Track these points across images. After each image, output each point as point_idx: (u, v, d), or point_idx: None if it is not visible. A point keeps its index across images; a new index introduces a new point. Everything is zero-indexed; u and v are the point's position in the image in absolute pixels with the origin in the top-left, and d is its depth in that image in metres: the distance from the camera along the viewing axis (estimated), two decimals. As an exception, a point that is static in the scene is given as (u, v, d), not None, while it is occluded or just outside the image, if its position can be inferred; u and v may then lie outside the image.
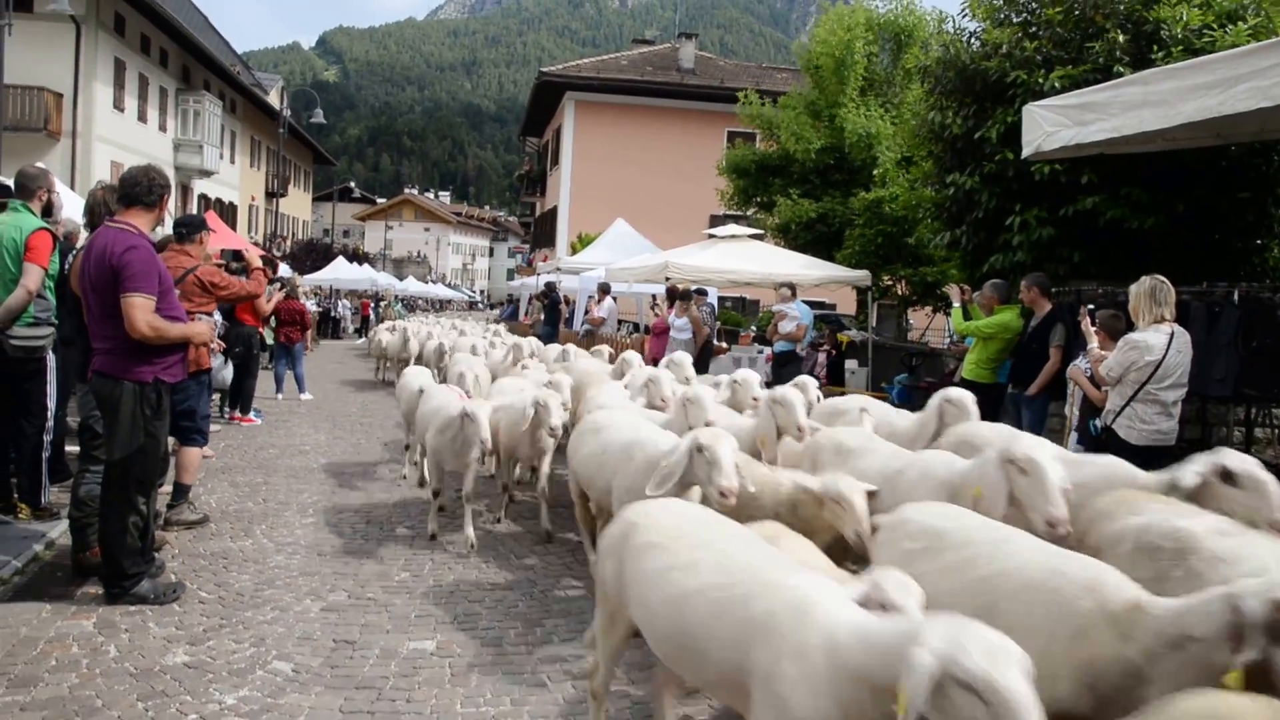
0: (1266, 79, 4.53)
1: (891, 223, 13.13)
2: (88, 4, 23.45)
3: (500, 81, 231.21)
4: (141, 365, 4.28)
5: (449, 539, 5.76)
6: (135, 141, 26.83)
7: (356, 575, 4.96)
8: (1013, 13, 8.63)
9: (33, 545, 5.01)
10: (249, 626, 4.15)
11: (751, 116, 17.54)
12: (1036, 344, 6.91)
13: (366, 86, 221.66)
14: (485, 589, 4.81)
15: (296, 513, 6.31)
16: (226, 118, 34.36)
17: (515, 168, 71.29)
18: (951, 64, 8.65)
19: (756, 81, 26.92)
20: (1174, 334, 4.79)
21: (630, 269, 13.26)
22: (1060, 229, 7.86)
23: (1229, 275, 7.18)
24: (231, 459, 8.16)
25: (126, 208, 4.43)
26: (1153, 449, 4.72)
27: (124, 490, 4.30)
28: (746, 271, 11.48)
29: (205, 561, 5.10)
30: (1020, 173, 7.73)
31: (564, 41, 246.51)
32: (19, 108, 22.26)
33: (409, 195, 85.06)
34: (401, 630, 4.19)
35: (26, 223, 5.33)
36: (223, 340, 9.47)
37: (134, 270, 4.14)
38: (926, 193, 10.15)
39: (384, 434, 10.05)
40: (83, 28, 23.45)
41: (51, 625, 4.05)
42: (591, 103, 29.99)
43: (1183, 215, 7.47)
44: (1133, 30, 7.56)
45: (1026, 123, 6.39)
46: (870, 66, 16.76)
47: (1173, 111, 5.16)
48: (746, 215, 18.34)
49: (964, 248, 9.04)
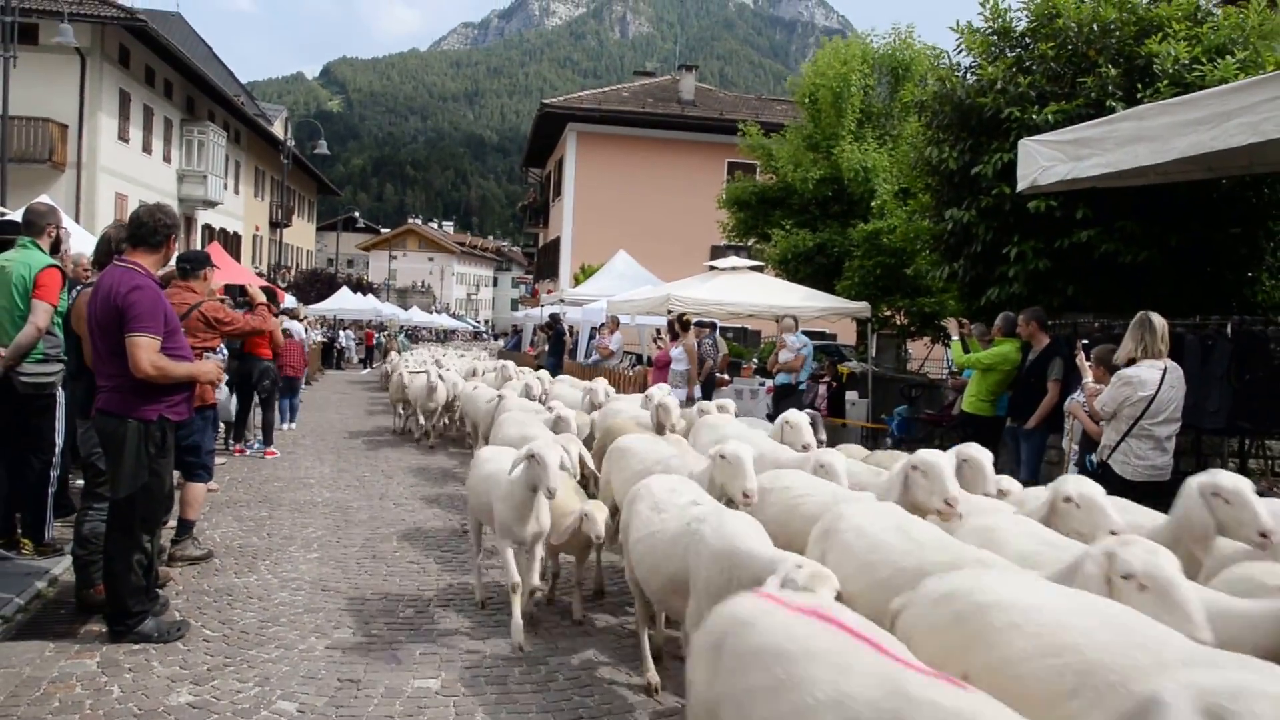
0: (1257, 114, 4.63)
1: (890, 254, 13.23)
2: (93, 36, 23.78)
3: (503, 112, 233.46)
4: (146, 404, 4.32)
5: (447, 578, 5.78)
6: (139, 172, 27.09)
7: (361, 612, 4.98)
8: (1006, 48, 8.75)
9: (35, 582, 5.02)
10: (253, 665, 4.16)
11: (752, 148, 17.73)
12: (1035, 377, 6.97)
13: (370, 116, 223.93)
14: (489, 627, 4.82)
15: (301, 548, 6.33)
16: (231, 148, 34.71)
17: (518, 197, 71.84)
18: (947, 99, 8.77)
19: (756, 113, 27.22)
20: (1167, 369, 4.85)
21: (633, 301, 13.35)
22: (1055, 262, 7.95)
23: (1222, 308, 7.24)
24: (235, 493, 8.20)
25: (133, 247, 4.50)
26: (1148, 484, 4.76)
27: (129, 528, 4.32)
28: (748, 303, 11.56)
29: (209, 598, 5.12)
30: (1016, 206, 7.82)
31: (565, 72, 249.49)
32: (24, 139, 22.54)
33: (413, 225, 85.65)
34: (406, 669, 4.20)
35: (35, 260, 5.41)
36: (248, 376, 9.67)
37: (139, 310, 4.19)
38: (924, 225, 10.24)
39: (387, 466, 10.09)
40: (87, 59, 23.77)
41: (55, 664, 4.06)
42: (593, 134, 30.31)
43: (1175, 248, 7.54)
44: (1124, 65, 7.69)
45: (1022, 157, 6.49)
46: (867, 99, 16.96)
47: (1166, 146, 5.26)
48: (747, 246, 18.46)
49: (961, 280, 9.13)
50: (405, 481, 9.15)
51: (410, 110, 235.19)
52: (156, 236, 4.50)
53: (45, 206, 5.90)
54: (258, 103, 48.73)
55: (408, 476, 9.44)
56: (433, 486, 8.90)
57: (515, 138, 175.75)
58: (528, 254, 62.34)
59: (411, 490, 8.67)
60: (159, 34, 25.51)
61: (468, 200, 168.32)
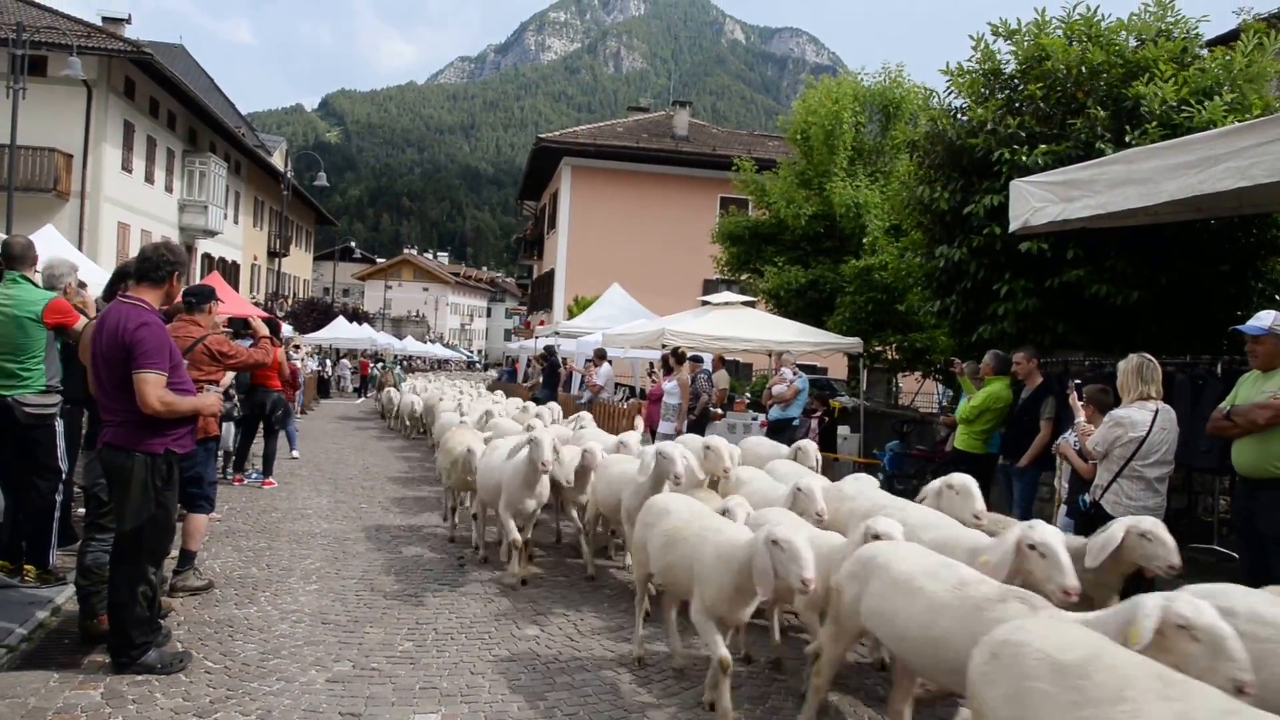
0: (1244, 159, 4.75)
1: (881, 290, 13.37)
2: (99, 68, 24.09)
3: (498, 144, 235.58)
4: (153, 437, 4.36)
5: (445, 612, 5.81)
6: (142, 202, 27.26)
7: (361, 645, 4.99)
8: (996, 89, 8.93)
9: (37, 612, 5.03)
10: (255, 698, 4.17)
11: (745, 183, 17.94)
12: (1027, 416, 7.04)
13: (367, 148, 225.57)
14: (488, 661, 4.85)
15: (300, 579, 6.35)
16: (231, 179, 34.96)
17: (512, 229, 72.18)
18: (939, 139, 8.93)
19: (749, 149, 27.62)
20: (1159, 411, 4.91)
21: (627, 335, 13.46)
22: (1046, 300, 8.05)
23: (1212, 347, 7.34)
24: (235, 523, 8.21)
25: (138, 282, 4.57)
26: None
27: (135, 560, 4.35)
28: (742, 338, 11.67)
29: (210, 629, 5.13)
30: (1007, 246, 7.93)
31: (560, 106, 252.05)
32: (30, 168, 22.79)
33: (408, 255, 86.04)
34: (406, 703, 4.22)
35: (34, 295, 5.46)
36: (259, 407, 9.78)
37: (146, 347, 4.25)
38: (915, 262, 10.36)
39: (384, 499, 10.10)
40: (94, 91, 24.05)
41: (59, 695, 4.06)
42: (588, 168, 30.63)
43: (1166, 288, 7.65)
44: (1112, 107, 7.84)
45: (1014, 198, 6.61)
46: (859, 137, 17.21)
47: (1155, 189, 5.37)
48: (739, 281, 18.64)
49: (953, 316, 9.24)
50: (402, 514, 9.16)
51: (407, 142, 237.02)
52: (159, 272, 4.56)
53: (25, 239, 5.90)
54: (258, 134, 49.11)
55: (404, 509, 9.46)
56: (429, 520, 8.92)
57: (510, 170, 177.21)
58: (521, 285, 62.57)
59: (408, 523, 8.69)
60: (164, 67, 25.84)
61: (462, 231, 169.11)
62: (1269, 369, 4.54)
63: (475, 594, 6.18)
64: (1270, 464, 4.33)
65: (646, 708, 4.28)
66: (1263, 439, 4.36)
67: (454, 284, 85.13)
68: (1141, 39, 8.39)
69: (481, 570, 6.85)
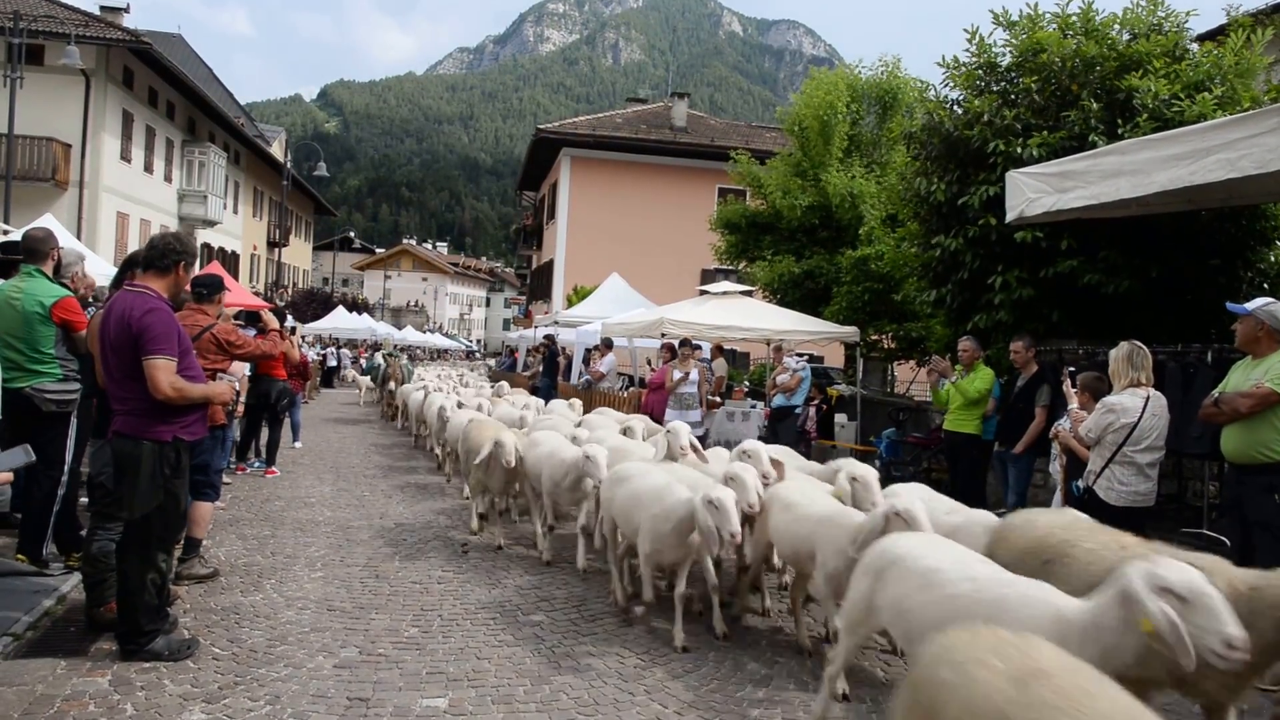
0: (1234, 151, 4.85)
1: (877, 280, 13.45)
2: (98, 58, 24.08)
3: (496, 135, 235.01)
4: (162, 424, 4.40)
5: (450, 598, 5.90)
6: (141, 192, 27.28)
7: (367, 631, 5.07)
8: (992, 81, 9.00)
9: (43, 600, 5.07)
10: (263, 684, 4.24)
11: (742, 174, 17.99)
12: (1023, 403, 7.14)
13: (366, 138, 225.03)
14: (494, 645, 4.93)
15: (305, 566, 6.43)
16: (230, 169, 34.96)
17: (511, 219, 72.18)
18: (935, 131, 8.99)
19: (746, 140, 27.66)
20: (1150, 398, 4.98)
21: (626, 324, 13.52)
22: (1040, 289, 8.15)
23: (1202, 336, 7.42)
24: (239, 511, 8.29)
25: (144, 271, 4.62)
26: (1132, 510, 4.91)
27: (144, 548, 4.39)
28: (740, 327, 11.75)
29: (217, 616, 5.21)
30: (1002, 236, 8.02)
31: (559, 97, 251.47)
32: (28, 158, 22.82)
33: (407, 245, 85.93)
34: (413, 688, 4.29)
35: (46, 290, 5.51)
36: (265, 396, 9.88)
37: (155, 333, 4.29)
38: (912, 252, 10.43)
39: (386, 486, 10.18)
40: (92, 80, 24.07)
41: (67, 682, 4.09)
42: (587, 159, 30.67)
43: (1157, 278, 7.75)
44: (1106, 99, 7.92)
45: (1010, 189, 6.69)
46: (855, 128, 17.26)
47: (1148, 180, 5.47)
48: (737, 270, 18.71)
49: (949, 306, 9.32)
50: (405, 502, 9.25)
51: (406, 132, 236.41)
52: (165, 260, 4.59)
53: (43, 231, 5.92)
54: (257, 124, 49.05)
55: (407, 497, 9.54)
56: (433, 507, 9.00)
57: (509, 160, 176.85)
58: (520, 275, 62.67)
59: (411, 510, 8.77)
60: (163, 56, 25.81)
61: (461, 221, 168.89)
62: (1258, 356, 4.63)
63: (480, 580, 6.26)
64: (1256, 450, 4.42)
65: (651, 690, 4.37)
66: (1249, 425, 4.46)
67: (453, 274, 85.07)
68: (1134, 33, 8.46)
69: (485, 556, 6.94)
